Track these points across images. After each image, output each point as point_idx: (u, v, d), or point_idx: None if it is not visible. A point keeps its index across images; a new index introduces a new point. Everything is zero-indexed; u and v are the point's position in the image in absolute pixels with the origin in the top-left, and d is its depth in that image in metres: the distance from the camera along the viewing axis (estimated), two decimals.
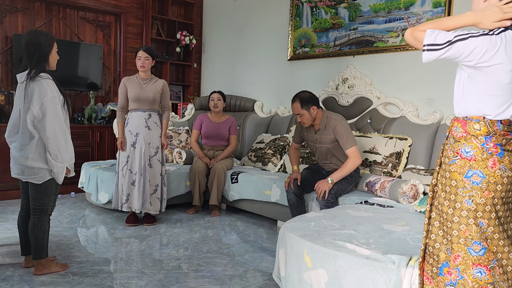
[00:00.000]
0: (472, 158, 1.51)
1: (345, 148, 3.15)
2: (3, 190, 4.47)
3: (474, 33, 1.50)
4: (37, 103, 2.41)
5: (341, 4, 4.35)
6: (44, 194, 2.54)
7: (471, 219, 1.50)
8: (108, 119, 5.29)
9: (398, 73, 3.95)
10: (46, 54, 2.53)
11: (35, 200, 2.55)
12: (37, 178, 2.51)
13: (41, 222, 2.56)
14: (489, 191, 1.48)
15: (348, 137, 3.15)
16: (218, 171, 4.14)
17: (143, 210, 3.68)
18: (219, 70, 5.90)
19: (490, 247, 1.49)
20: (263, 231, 3.72)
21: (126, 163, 3.66)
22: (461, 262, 1.50)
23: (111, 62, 5.54)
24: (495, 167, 1.49)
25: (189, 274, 2.71)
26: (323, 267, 1.98)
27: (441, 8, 3.59)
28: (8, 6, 4.70)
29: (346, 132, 3.17)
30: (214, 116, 4.47)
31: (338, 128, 3.18)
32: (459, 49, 1.48)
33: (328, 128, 3.23)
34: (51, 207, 2.60)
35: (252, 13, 5.36)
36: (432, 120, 3.61)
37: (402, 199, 2.98)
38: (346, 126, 3.21)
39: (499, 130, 1.51)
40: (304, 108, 3.20)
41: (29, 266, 2.70)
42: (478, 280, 1.48)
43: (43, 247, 2.58)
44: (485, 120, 1.52)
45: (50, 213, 2.61)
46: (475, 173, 1.50)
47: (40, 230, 2.55)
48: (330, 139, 3.24)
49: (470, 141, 1.52)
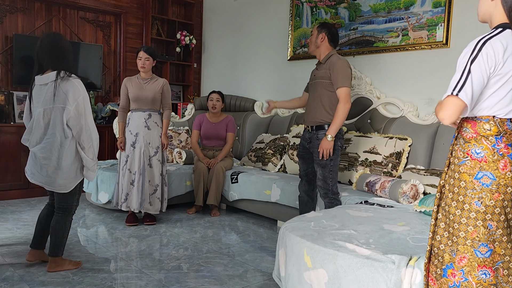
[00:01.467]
0: (482, 159, 1.49)
1: (336, 85, 2.96)
2: (3, 190, 4.48)
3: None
4: (73, 102, 2.46)
5: (341, 4, 4.35)
6: (70, 194, 2.60)
7: (479, 220, 1.48)
8: (108, 119, 5.29)
9: (398, 73, 3.95)
10: (72, 55, 2.63)
11: (60, 200, 2.60)
12: (65, 188, 2.55)
13: (64, 221, 2.61)
14: (499, 193, 1.47)
15: (343, 76, 2.96)
16: (217, 171, 4.14)
17: (142, 209, 3.68)
18: (219, 70, 5.90)
19: (497, 249, 1.48)
20: (263, 231, 3.72)
21: (125, 163, 3.67)
22: (466, 264, 1.49)
23: (111, 62, 5.54)
24: (506, 169, 1.47)
25: (189, 274, 2.71)
26: (323, 267, 1.98)
27: (441, 8, 3.59)
28: (8, 6, 4.70)
29: (343, 71, 2.98)
30: (212, 116, 4.47)
31: (335, 65, 2.98)
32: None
33: (327, 63, 3.06)
34: (75, 206, 2.66)
35: (252, 13, 5.36)
36: (432, 120, 3.61)
37: (402, 199, 2.98)
38: (345, 67, 2.99)
39: (509, 130, 1.50)
40: (318, 29, 3.11)
41: (32, 260, 2.72)
42: (482, 282, 1.47)
43: (61, 245, 2.63)
44: (495, 119, 1.50)
45: (74, 212, 2.67)
46: (485, 175, 1.48)
47: (62, 229, 2.61)
48: (325, 74, 3.04)
49: (480, 142, 1.50)
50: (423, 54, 3.75)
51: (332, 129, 2.96)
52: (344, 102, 2.96)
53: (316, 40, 3.11)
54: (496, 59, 1.45)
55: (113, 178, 3.94)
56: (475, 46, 1.48)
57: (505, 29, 1.51)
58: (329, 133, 2.96)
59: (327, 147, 2.95)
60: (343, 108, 2.95)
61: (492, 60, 1.45)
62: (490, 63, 1.46)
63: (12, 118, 4.63)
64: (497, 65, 1.46)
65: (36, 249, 2.73)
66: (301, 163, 3.28)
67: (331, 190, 3.07)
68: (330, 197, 3.08)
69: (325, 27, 3.13)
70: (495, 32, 1.50)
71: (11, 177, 4.52)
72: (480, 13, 1.61)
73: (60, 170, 2.50)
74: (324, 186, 3.06)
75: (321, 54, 3.13)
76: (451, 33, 3.56)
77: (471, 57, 1.47)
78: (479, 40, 1.49)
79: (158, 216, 3.97)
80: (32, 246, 2.74)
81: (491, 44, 1.46)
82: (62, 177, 2.51)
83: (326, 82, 3.05)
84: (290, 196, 3.59)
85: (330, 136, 2.95)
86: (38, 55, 2.56)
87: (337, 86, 2.98)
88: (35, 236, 2.73)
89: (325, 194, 3.08)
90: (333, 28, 3.17)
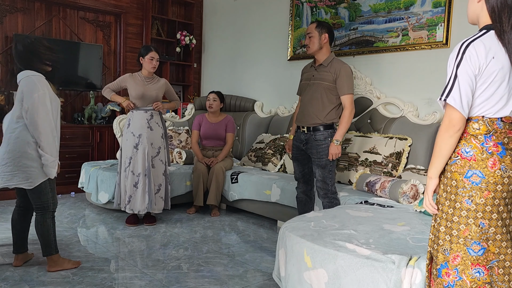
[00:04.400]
0: (472, 158, 1.50)
1: (342, 92, 3.04)
2: (3, 190, 4.47)
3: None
4: (28, 99, 2.48)
5: (341, 4, 4.35)
6: (41, 193, 2.57)
7: (470, 219, 1.50)
8: (108, 119, 5.29)
9: (398, 73, 3.95)
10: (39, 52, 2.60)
11: (34, 200, 2.59)
12: (27, 183, 2.52)
13: (44, 219, 2.60)
14: (489, 191, 1.48)
15: (348, 83, 3.04)
16: (217, 171, 4.14)
17: (151, 210, 3.69)
18: (219, 70, 5.90)
19: (491, 248, 1.49)
20: (263, 231, 3.72)
21: (128, 165, 3.65)
22: (460, 262, 1.50)
23: (111, 62, 5.54)
24: (495, 167, 1.48)
25: (189, 274, 2.71)
26: (323, 267, 1.98)
27: (441, 8, 3.59)
28: (8, 6, 4.70)
29: (348, 78, 3.05)
30: (211, 116, 4.47)
31: (342, 71, 3.04)
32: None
33: (331, 67, 3.08)
34: (52, 204, 2.64)
35: (252, 13, 5.36)
36: (432, 120, 3.61)
37: (402, 199, 2.98)
38: (350, 74, 3.08)
39: (499, 128, 1.51)
40: (317, 29, 3.10)
41: (19, 265, 2.72)
42: (477, 280, 1.48)
43: (51, 243, 2.63)
44: (484, 119, 1.52)
45: (53, 209, 2.65)
46: (474, 173, 1.49)
47: (44, 227, 2.60)
48: (327, 77, 3.07)
49: (470, 141, 1.52)
50: (423, 54, 3.75)
51: (338, 134, 3.03)
52: (350, 108, 3.05)
53: (319, 41, 3.11)
54: (479, 61, 1.48)
55: (113, 178, 3.94)
56: (459, 50, 1.51)
57: (489, 30, 1.52)
58: (336, 138, 3.03)
59: (336, 152, 3.02)
60: (349, 115, 3.06)
61: (476, 62, 1.48)
62: (474, 65, 1.48)
63: None
64: (481, 66, 1.48)
65: (19, 253, 2.73)
66: (296, 165, 3.29)
67: (331, 190, 3.08)
68: (330, 197, 3.08)
69: (325, 26, 3.13)
70: (478, 34, 1.52)
71: None
72: (469, 15, 1.63)
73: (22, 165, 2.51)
74: (324, 186, 3.07)
75: (323, 55, 3.14)
76: (451, 33, 3.56)
77: (456, 62, 1.50)
78: (462, 43, 1.52)
79: (158, 216, 3.97)
80: (15, 251, 2.73)
81: (474, 47, 1.49)
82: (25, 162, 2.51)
83: (329, 85, 3.08)
84: (290, 196, 3.59)
85: (337, 141, 3.02)
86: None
87: (343, 93, 3.05)
88: (14, 240, 2.72)
89: (324, 195, 3.09)
90: (330, 27, 3.20)
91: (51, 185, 2.62)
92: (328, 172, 3.06)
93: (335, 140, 3.02)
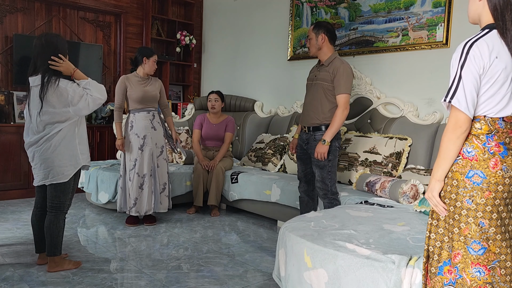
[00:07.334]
0: (473, 158, 1.50)
1: (338, 91, 3.00)
2: (3, 190, 4.48)
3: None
4: (68, 105, 2.54)
5: (341, 4, 4.35)
6: (62, 193, 2.61)
7: (470, 218, 1.50)
8: (108, 119, 5.29)
9: (398, 73, 3.95)
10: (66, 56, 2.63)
11: (53, 199, 2.60)
12: (62, 177, 2.57)
13: (57, 220, 2.62)
14: (490, 192, 1.48)
15: (345, 83, 2.99)
16: (216, 171, 4.14)
17: (157, 210, 3.70)
18: (219, 70, 5.90)
19: (492, 248, 1.49)
20: (263, 231, 3.72)
21: (133, 167, 3.62)
22: (460, 261, 1.51)
23: (111, 62, 5.54)
24: (496, 167, 1.48)
25: (189, 274, 2.71)
26: (323, 267, 1.98)
27: (441, 8, 3.59)
28: (8, 6, 4.70)
29: (346, 77, 3.01)
30: (212, 117, 4.46)
31: (340, 70, 3.01)
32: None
33: (330, 67, 3.07)
34: (68, 205, 2.66)
35: (252, 13, 5.36)
36: (432, 120, 3.61)
37: (402, 199, 2.98)
38: (348, 73, 3.03)
39: (501, 128, 1.51)
40: (314, 31, 3.10)
41: (43, 263, 2.74)
42: (477, 280, 1.48)
43: (58, 245, 2.64)
44: (486, 118, 1.51)
45: (66, 211, 2.67)
46: (476, 173, 1.49)
47: (56, 228, 2.62)
48: (327, 77, 3.05)
49: (471, 141, 1.52)
50: (423, 54, 3.75)
51: (328, 134, 2.99)
52: (342, 108, 3.00)
53: (317, 43, 3.10)
54: (483, 61, 1.47)
55: (113, 178, 3.93)
56: (463, 50, 1.50)
57: (491, 29, 1.51)
58: (324, 138, 2.99)
59: (322, 151, 2.99)
60: (341, 115, 3.00)
61: (480, 62, 1.47)
62: (478, 65, 1.47)
63: (12, 118, 4.63)
64: (485, 66, 1.48)
65: (42, 252, 2.76)
66: (299, 164, 3.29)
67: (330, 191, 3.07)
68: (330, 198, 3.08)
69: (321, 26, 3.11)
70: (481, 34, 1.52)
71: (11, 177, 4.52)
72: (470, 14, 1.62)
73: (56, 158, 2.54)
74: (323, 187, 3.07)
75: (324, 55, 3.12)
76: (451, 33, 3.56)
77: (461, 62, 1.50)
78: (466, 43, 1.51)
79: (158, 216, 3.97)
80: (37, 251, 2.76)
81: (477, 46, 1.48)
82: (59, 165, 2.55)
83: (328, 85, 3.06)
84: (290, 196, 3.59)
85: (324, 141, 2.99)
86: (33, 55, 2.57)
87: (338, 92, 3.01)
88: (35, 241, 2.75)
89: (324, 195, 3.09)
90: (329, 25, 3.16)
91: (74, 185, 2.66)
92: (327, 173, 3.06)
93: (323, 139, 2.99)
